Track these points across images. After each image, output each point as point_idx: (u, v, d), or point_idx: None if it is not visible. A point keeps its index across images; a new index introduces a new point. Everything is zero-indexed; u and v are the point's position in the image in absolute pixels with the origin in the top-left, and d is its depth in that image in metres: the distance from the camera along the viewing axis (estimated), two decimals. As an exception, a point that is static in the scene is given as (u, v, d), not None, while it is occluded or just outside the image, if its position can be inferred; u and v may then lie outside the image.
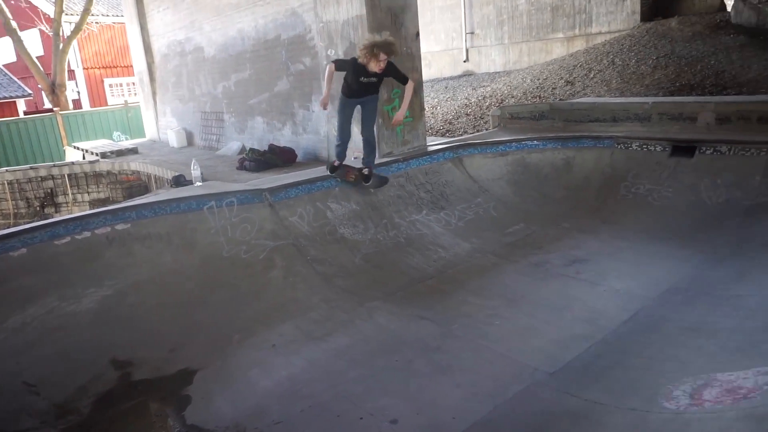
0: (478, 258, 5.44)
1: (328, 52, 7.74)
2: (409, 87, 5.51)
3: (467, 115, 12.70)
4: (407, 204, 6.01)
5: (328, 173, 5.87)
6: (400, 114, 5.52)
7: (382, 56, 5.13)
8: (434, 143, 7.61)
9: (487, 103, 12.90)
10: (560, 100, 11.53)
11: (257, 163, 8.69)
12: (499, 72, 16.39)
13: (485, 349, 3.88)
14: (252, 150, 9.40)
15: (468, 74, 17.44)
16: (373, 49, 5.11)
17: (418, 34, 7.31)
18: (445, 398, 3.33)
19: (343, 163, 5.90)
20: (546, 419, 3.15)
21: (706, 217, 6.02)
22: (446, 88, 16.10)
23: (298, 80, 8.98)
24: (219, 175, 8.56)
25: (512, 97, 12.85)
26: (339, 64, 5.43)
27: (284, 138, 9.61)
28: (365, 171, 5.78)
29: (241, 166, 9.00)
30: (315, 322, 4.33)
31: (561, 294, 4.67)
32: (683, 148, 6.80)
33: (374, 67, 5.21)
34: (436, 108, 14.03)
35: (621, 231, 5.98)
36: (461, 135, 10.64)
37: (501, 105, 11.15)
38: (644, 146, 7.07)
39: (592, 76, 12.62)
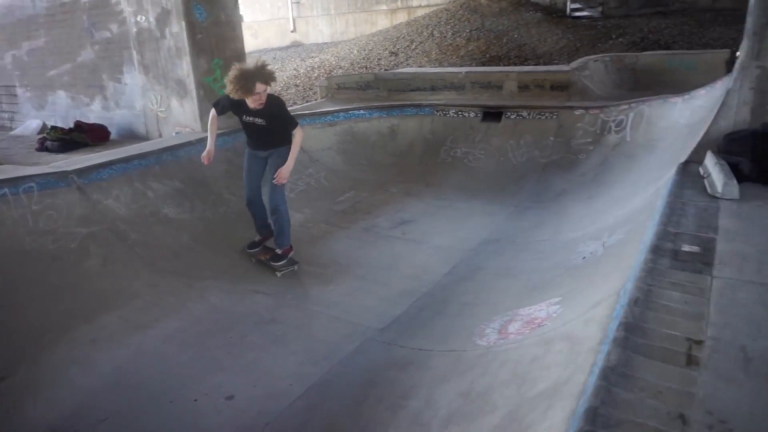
0: (310, 227, 5.52)
1: (138, 18, 7.08)
2: (298, 136, 4.52)
3: (296, 86, 12.61)
4: (236, 179, 5.81)
5: (247, 249, 4.91)
6: (286, 170, 4.41)
7: (259, 87, 4.14)
8: (263, 115, 7.43)
9: (316, 74, 12.91)
10: (385, 70, 11.96)
11: (62, 143, 7.71)
12: (327, 43, 16.44)
13: (319, 314, 3.99)
14: (54, 128, 8.29)
15: (296, 45, 17.22)
16: (243, 80, 4.09)
17: (237, 1, 7.00)
18: (281, 367, 3.38)
19: (264, 243, 4.93)
20: (377, 371, 3.36)
21: (511, 175, 6.78)
22: (275, 59, 15.75)
23: (106, 50, 8.08)
24: (14, 158, 7.45)
25: (340, 67, 13.02)
26: (219, 107, 4.57)
27: (94, 114, 8.64)
28: (277, 251, 4.67)
29: (42, 147, 7.91)
30: (140, 309, 4.05)
31: (389, 255, 4.95)
32: (492, 114, 7.53)
33: (252, 103, 4.27)
34: (266, 79, 13.68)
35: (442, 192, 6.49)
36: (291, 106, 10.52)
37: (329, 76, 11.24)
38: (460, 113, 7.68)
39: (414, 47, 13.26)
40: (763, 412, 1.81)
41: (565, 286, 3.78)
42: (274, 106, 4.40)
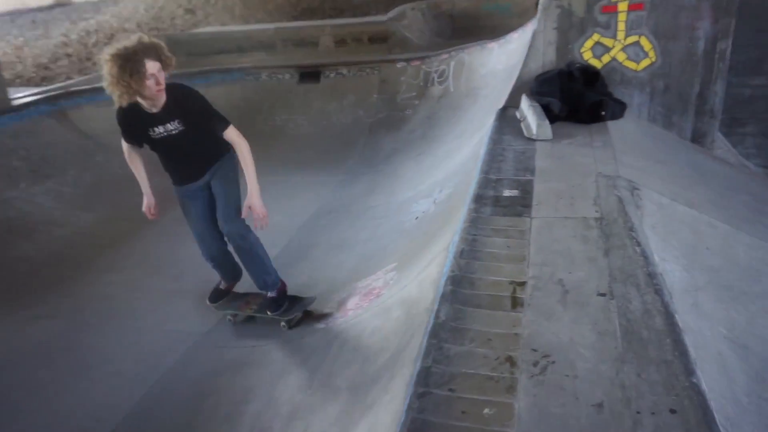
0: (108, 227, 5.10)
1: None
2: (241, 144, 3.39)
3: (68, 56, 11.40)
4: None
5: (210, 304, 3.88)
6: (256, 199, 3.35)
7: (151, 65, 3.02)
8: (23, 95, 6.62)
9: (93, 40, 11.80)
10: (181, 31, 11.35)
11: None
12: (104, 0, 15.07)
13: (128, 329, 3.74)
14: None
15: (62, 4, 15.53)
16: (124, 63, 2.97)
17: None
18: (84, 402, 3.12)
19: (233, 289, 3.97)
20: (208, 380, 3.27)
21: (338, 139, 6.92)
22: (34, 22, 14.02)
23: None
24: None
25: (125, 30, 12.05)
26: (123, 133, 3.36)
27: None
28: (270, 295, 3.69)
29: None
30: None
31: (209, 246, 4.79)
32: (309, 74, 7.57)
33: (150, 93, 3.08)
34: (23, 50, 12.11)
35: (264, 167, 6.21)
36: (64, 82, 9.52)
37: (110, 42, 10.34)
38: (273, 76, 7.60)
39: (213, 2, 12.74)
40: (580, 338, 2.11)
41: (401, 250, 4.00)
42: (183, 96, 3.25)
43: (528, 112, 4.44)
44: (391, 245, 4.24)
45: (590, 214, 3.00)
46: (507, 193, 3.31)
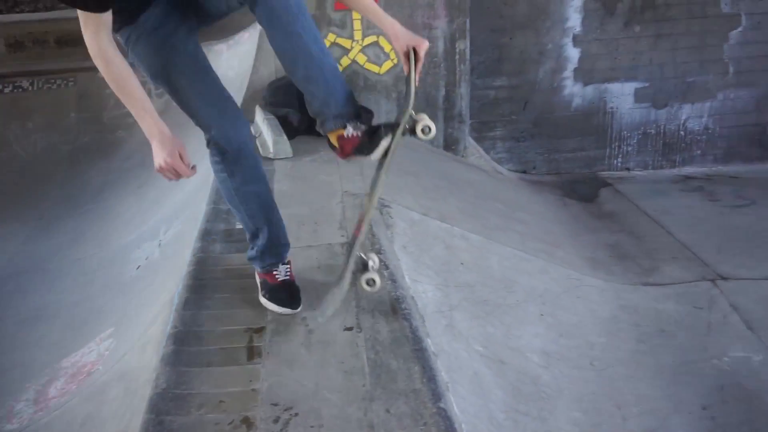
0: None
1: None
2: None
3: None
4: None
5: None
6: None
7: None
8: None
9: None
10: None
11: None
12: None
13: None
14: None
15: None
16: None
17: None
18: None
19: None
20: None
21: (24, 175, 6.46)
22: None
23: None
24: None
25: None
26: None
27: None
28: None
29: None
30: None
31: None
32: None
33: None
34: None
35: None
36: None
37: None
38: None
39: None
40: (326, 381, 2.31)
41: (119, 309, 3.92)
42: None
43: (263, 126, 4.68)
44: (108, 305, 4.13)
45: (336, 240, 3.29)
46: (240, 225, 3.46)
